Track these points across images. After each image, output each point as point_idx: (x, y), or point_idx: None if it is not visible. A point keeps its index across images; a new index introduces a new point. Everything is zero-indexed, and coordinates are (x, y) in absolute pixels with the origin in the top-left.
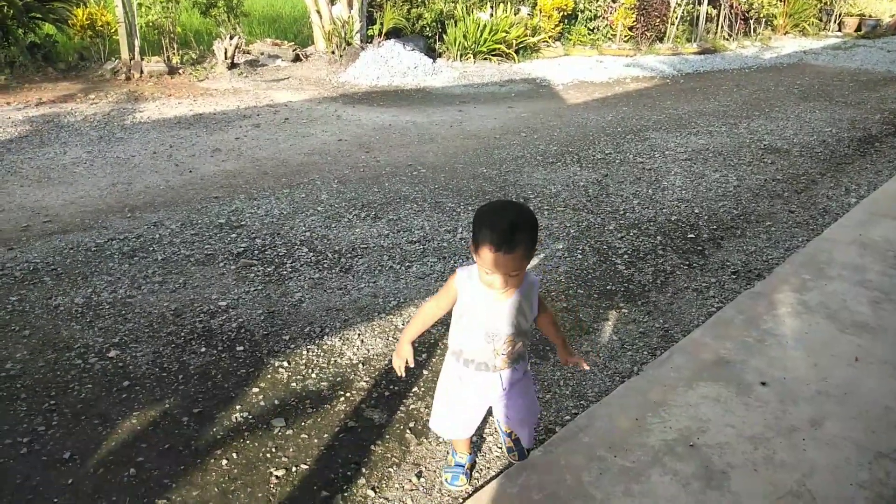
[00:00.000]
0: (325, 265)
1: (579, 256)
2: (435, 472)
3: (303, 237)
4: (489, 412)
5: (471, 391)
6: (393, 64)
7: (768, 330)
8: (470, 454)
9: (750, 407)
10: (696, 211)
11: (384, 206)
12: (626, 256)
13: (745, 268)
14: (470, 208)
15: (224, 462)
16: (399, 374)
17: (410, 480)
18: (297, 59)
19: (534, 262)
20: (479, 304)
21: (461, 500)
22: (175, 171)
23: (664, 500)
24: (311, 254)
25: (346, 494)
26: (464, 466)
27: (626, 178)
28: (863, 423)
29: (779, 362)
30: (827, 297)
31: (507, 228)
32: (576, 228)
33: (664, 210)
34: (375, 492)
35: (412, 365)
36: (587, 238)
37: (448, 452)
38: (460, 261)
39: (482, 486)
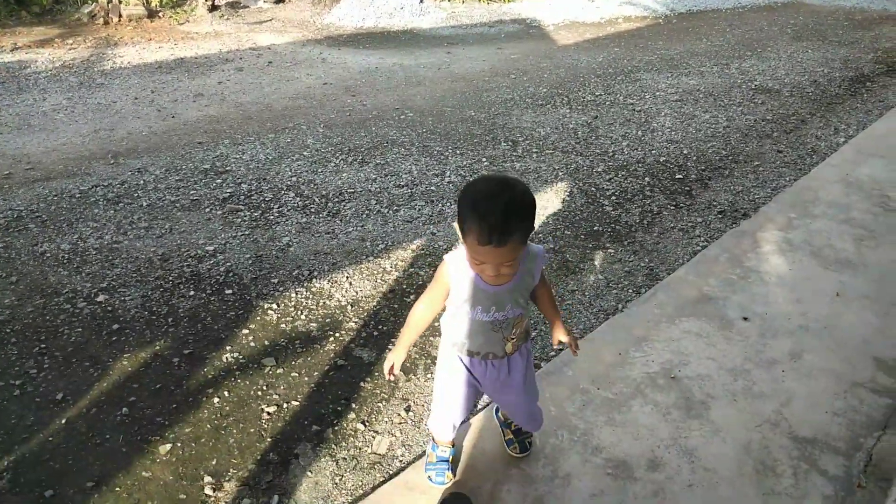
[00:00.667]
0: (313, 210)
1: (567, 198)
2: (423, 406)
3: (289, 182)
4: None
5: (469, 380)
6: (379, 4)
7: (752, 267)
8: (453, 447)
9: (731, 341)
10: (685, 152)
11: (371, 151)
12: (613, 198)
13: (732, 207)
14: (458, 151)
15: (216, 400)
16: (386, 377)
17: (399, 414)
18: (279, 0)
19: None
20: (479, 293)
21: None
22: (157, 116)
23: (644, 429)
24: (298, 198)
25: (336, 428)
26: (448, 461)
27: (615, 120)
28: (840, 355)
29: (761, 298)
30: (811, 234)
31: (499, 220)
32: (564, 171)
33: (653, 151)
34: (365, 425)
35: (397, 371)
36: (576, 180)
37: (429, 446)
38: (448, 204)
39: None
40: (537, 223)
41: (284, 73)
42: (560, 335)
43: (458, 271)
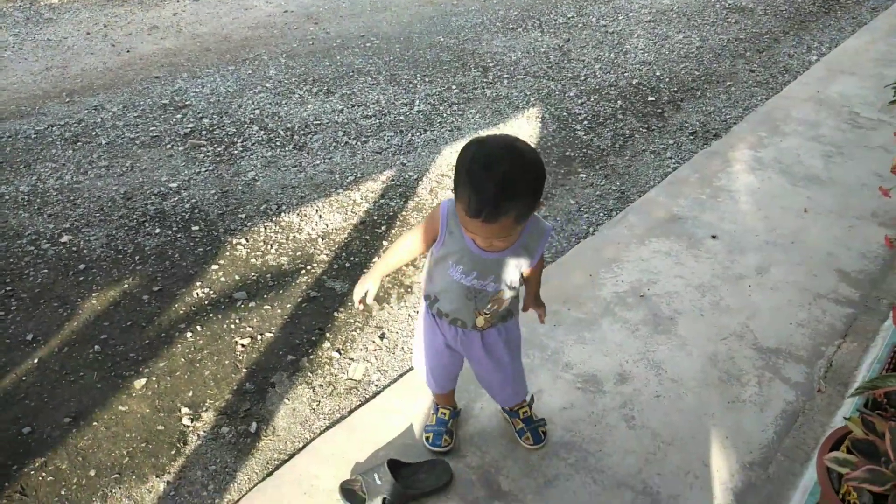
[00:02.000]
0: (278, 143)
1: (539, 124)
2: (397, 333)
3: (252, 115)
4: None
5: (442, 340)
6: None
7: (721, 186)
8: (453, 408)
9: (699, 259)
10: (658, 73)
11: (337, 81)
12: (585, 122)
13: (704, 128)
14: (427, 79)
15: (189, 335)
16: (355, 307)
17: (374, 342)
18: None
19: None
20: (464, 252)
21: None
22: (112, 51)
23: (614, 345)
24: (262, 132)
25: (311, 357)
26: (447, 424)
27: (588, 43)
28: (805, 268)
29: (730, 216)
30: (781, 152)
31: (492, 194)
32: (536, 96)
33: (626, 74)
34: (340, 353)
35: (370, 301)
36: (547, 105)
37: (430, 408)
38: (418, 134)
39: None
40: None
41: (242, 1)
42: (531, 305)
43: (450, 221)
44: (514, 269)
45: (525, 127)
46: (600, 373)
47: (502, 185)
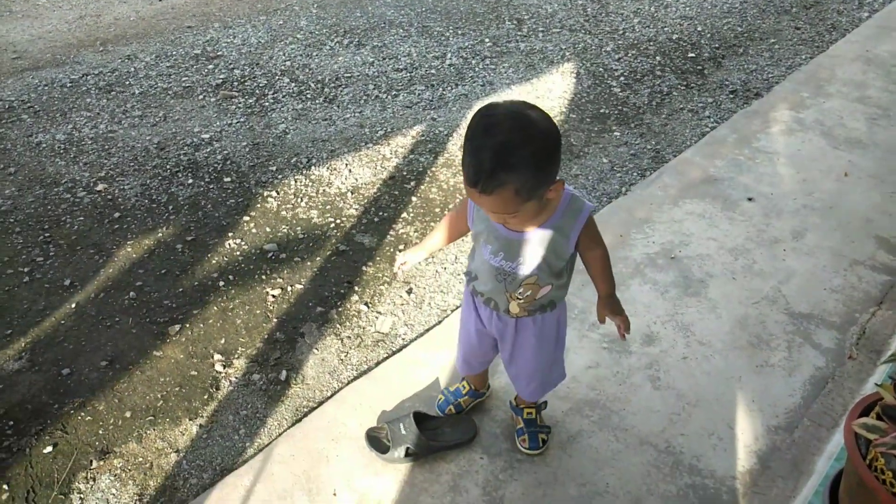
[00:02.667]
0: (309, 95)
1: (574, 80)
2: (424, 288)
3: (283, 67)
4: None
5: (476, 320)
6: None
7: (760, 147)
8: (477, 389)
9: (734, 221)
10: (699, 29)
11: (368, 32)
12: (622, 78)
13: (744, 87)
14: (460, 32)
15: (221, 284)
16: (394, 268)
17: (401, 296)
18: None
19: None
20: (491, 230)
21: (449, 312)
22: (144, 1)
23: (642, 306)
24: (293, 84)
25: (340, 309)
26: (459, 396)
27: None
28: (842, 233)
29: (767, 178)
30: (823, 114)
31: (486, 162)
32: (571, 51)
33: (665, 29)
34: (368, 306)
35: (406, 269)
36: (583, 60)
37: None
38: (449, 88)
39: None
40: (544, 106)
41: None
42: (605, 312)
43: None
44: (550, 253)
45: (559, 82)
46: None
47: (499, 153)
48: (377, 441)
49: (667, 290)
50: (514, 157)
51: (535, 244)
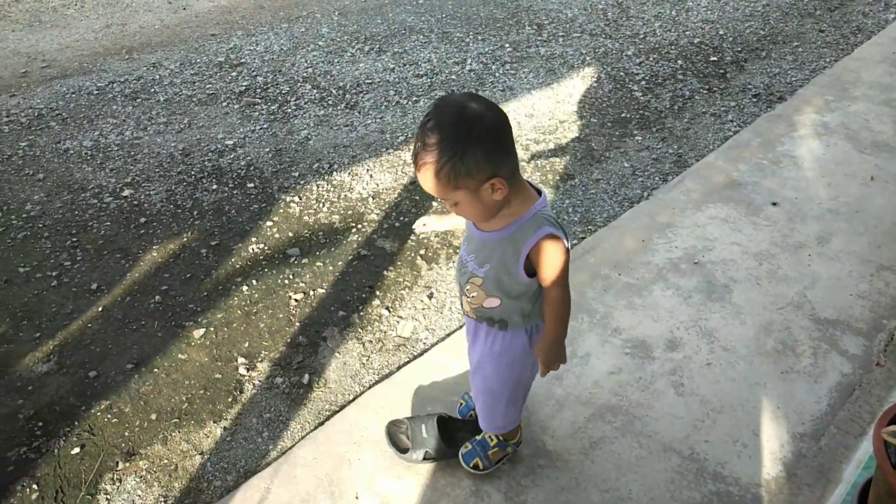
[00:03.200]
0: (330, 102)
1: (594, 85)
2: (445, 293)
3: (305, 74)
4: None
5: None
6: None
7: (784, 152)
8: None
9: (758, 226)
10: (721, 32)
11: (388, 39)
12: (643, 83)
13: (767, 91)
14: (480, 37)
15: (245, 288)
16: (413, 228)
17: (422, 301)
18: None
19: (547, 96)
20: (467, 225)
21: None
22: (168, 9)
23: (665, 312)
24: (315, 90)
25: (361, 314)
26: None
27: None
28: (869, 238)
29: (791, 183)
30: (849, 117)
31: (416, 144)
32: (592, 55)
33: (687, 32)
34: (389, 311)
35: (422, 229)
36: (604, 65)
37: None
38: None
39: None
40: (562, 110)
41: None
42: (538, 349)
43: None
44: (498, 263)
45: (579, 87)
46: (650, 339)
47: (425, 133)
48: (397, 437)
49: (690, 295)
50: (437, 137)
51: (489, 247)
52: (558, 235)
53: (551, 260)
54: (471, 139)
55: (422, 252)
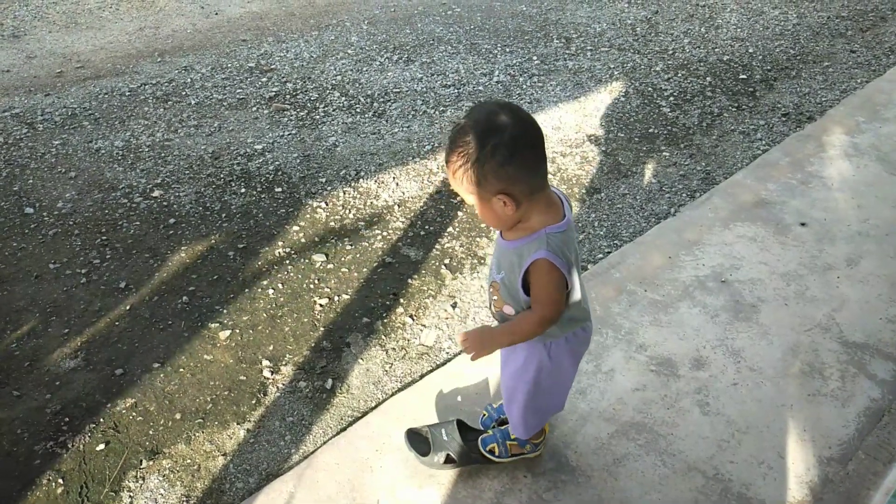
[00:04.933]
0: (358, 110)
1: (622, 99)
2: (469, 303)
3: (334, 81)
4: None
5: None
6: None
7: (813, 172)
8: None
9: (786, 246)
10: (751, 50)
11: (417, 49)
12: (671, 98)
13: (797, 110)
14: (507, 49)
15: (271, 291)
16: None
17: (446, 310)
18: None
19: (574, 110)
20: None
21: None
22: (201, 13)
23: (691, 330)
24: (344, 98)
25: (385, 321)
26: (503, 411)
27: (677, 16)
28: None
29: (821, 203)
30: (880, 139)
31: (454, 132)
32: (620, 70)
33: (716, 50)
34: (413, 319)
35: None
36: (632, 80)
37: None
38: None
39: None
40: (589, 124)
41: None
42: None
43: None
44: (508, 272)
45: (607, 101)
46: (675, 356)
47: (455, 132)
48: (418, 441)
49: (717, 314)
50: (458, 140)
51: (505, 255)
52: (552, 261)
53: (539, 280)
54: (485, 150)
55: (446, 261)
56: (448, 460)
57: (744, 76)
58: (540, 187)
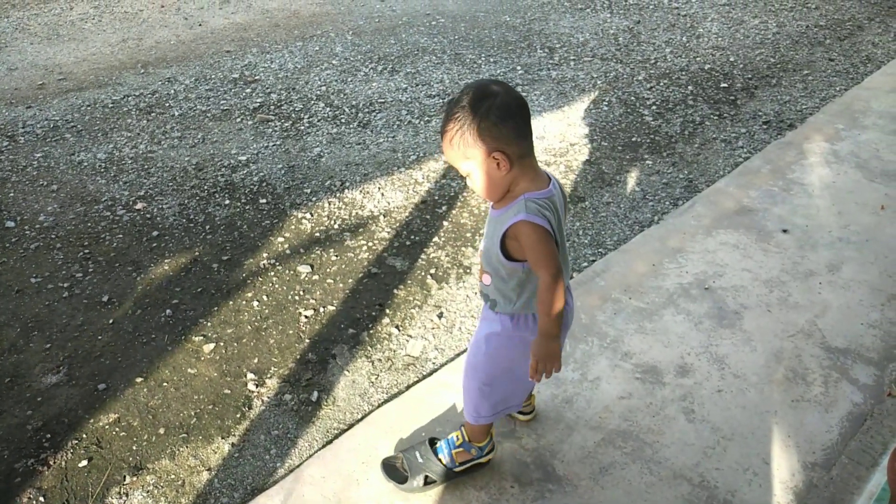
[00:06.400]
0: (343, 120)
1: (605, 108)
2: (455, 313)
3: (318, 92)
4: None
5: None
6: None
7: (794, 179)
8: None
9: (769, 253)
10: (732, 59)
11: (401, 59)
12: (654, 107)
13: (778, 118)
14: (492, 59)
15: (255, 304)
16: None
17: (432, 320)
18: None
19: (556, 120)
20: None
21: None
22: (184, 24)
23: (675, 337)
24: (328, 109)
25: (371, 332)
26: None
27: (659, 25)
28: (880, 267)
29: (802, 210)
30: (859, 146)
31: (450, 103)
32: (603, 79)
33: (698, 59)
34: (399, 330)
35: None
36: (615, 89)
37: None
38: None
39: None
40: (572, 133)
41: None
42: (532, 351)
43: None
44: (490, 238)
45: (590, 110)
46: (660, 364)
47: (451, 105)
48: (394, 470)
49: (701, 321)
50: (455, 109)
51: (491, 223)
52: (530, 220)
53: (527, 241)
54: (481, 111)
55: (432, 271)
56: (428, 481)
57: (725, 85)
58: (529, 152)
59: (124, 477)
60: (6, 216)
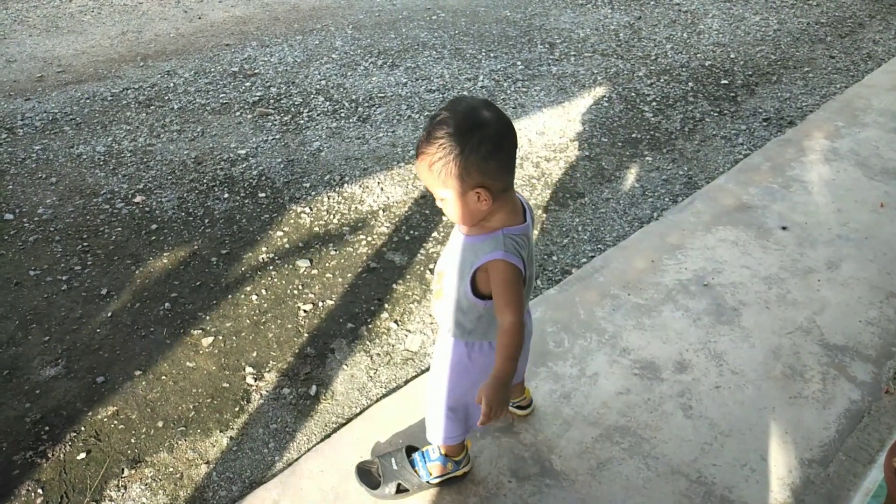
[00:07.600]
0: (343, 114)
1: (605, 104)
2: None
3: (318, 86)
4: None
5: None
6: None
7: (794, 176)
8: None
9: (768, 250)
10: (732, 56)
11: (401, 54)
12: (654, 104)
13: (778, 115)
14: (492, 55)
15: (254, 298)
16: None
17: (430, 315)
18: None
19: (555, 115)
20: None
21: None
22: (184, 17)
23: (674, 333)
24: (328, 103)
25: (370, 326)
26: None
27: (660, 21)
28: (879, 265)
29: (801, 207)
30: (859, 143)
31: (428, 125)
32: (603, 75)
33: (698, 55)
34: (398, 324)
35: None
36: (615, 85)
37: None
38: None
39: None
40: (571, 130)
41: None
42: (482, 391)
43: None
44: (459, 266)
45: (591, 106)
46: (659, 360)
47: (432, 124)
48: (368, 475)
49: (699, 317)
50: (438, 132)
51: (459, 248)
52: (508, 261)
53: (499, 279)
54: (470, 143)
55: (431, 266)
56: (400, 489)
57: (725, 81)
58: (510, 186)
59: (122, 470)
60: (5, 209)
